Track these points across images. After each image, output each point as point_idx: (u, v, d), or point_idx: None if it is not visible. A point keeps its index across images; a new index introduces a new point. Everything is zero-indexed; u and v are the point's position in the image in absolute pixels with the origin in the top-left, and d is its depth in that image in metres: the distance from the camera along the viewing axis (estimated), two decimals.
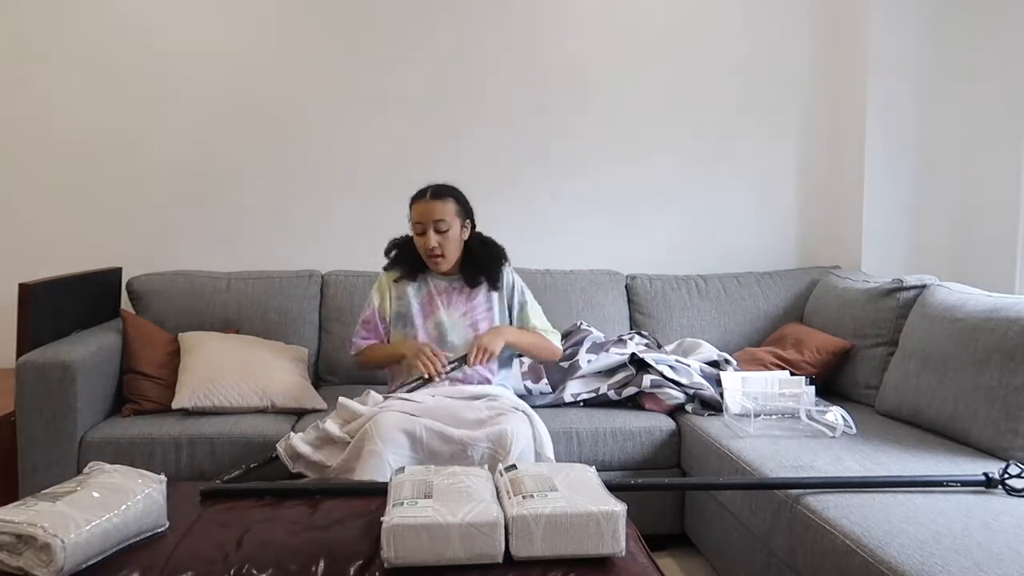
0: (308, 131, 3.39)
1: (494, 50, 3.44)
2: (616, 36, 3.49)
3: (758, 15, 3.55)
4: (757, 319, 3.30)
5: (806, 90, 3.59)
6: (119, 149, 3.30)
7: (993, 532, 1.63)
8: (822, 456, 2.15)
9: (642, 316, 3.30)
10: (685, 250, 3.56)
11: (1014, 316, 2.20)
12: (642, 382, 2.73)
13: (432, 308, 2.56)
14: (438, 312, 2.55)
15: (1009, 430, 2.11)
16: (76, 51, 3.27)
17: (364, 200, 3.40)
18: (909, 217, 3.42)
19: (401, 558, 1.41)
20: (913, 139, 3.39)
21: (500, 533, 1.43)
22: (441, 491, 1.54)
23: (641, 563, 1.50)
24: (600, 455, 2.58)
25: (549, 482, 1.57)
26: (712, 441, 2.41)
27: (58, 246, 3.24)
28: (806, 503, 1.86)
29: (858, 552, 1.62)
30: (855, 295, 2.96)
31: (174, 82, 3.32)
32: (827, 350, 2.89)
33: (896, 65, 3.35)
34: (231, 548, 1.49)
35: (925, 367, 2.41)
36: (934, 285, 2.64)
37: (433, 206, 2.46)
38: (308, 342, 3.08)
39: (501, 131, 3.45)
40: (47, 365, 2.40)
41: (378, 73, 3.39)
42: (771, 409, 2.54)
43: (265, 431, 2.50)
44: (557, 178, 3.49)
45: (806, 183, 3.64)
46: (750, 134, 3.58)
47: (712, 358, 2.91)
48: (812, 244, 3.65)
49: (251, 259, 3.31)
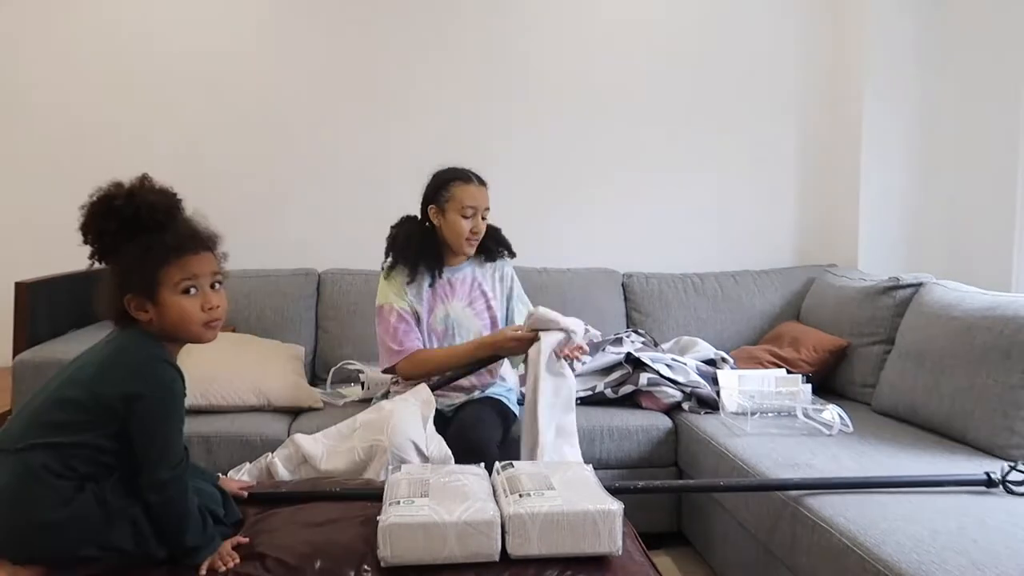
0: (304, 130, 3.38)
1: (492, 51, 3.44)
2: (614, 37, 3.49)
3: (756, 16, 3.55)
4: (754, 317, 3.31)
5: (803, 89, 3.59)
6: (116, 147, 3.29)
7: (990, 531, 1.63)
8: (819, 454, 2.15)
9: (639, 314, 3.30)
10: (682, 248, 3.56)
11: (1011, 314, 2.20)
12: (639, 380, 2.73)
13: (436, 301, 2.49)
14: (443, 305, 2.48)
15: (1006, 428, 2.11)
16: (74, 49, 3.26)
17: (361, 199, 3.39)
18: (906, 216, 3.42)
19: (397, 557, 1.41)
20: (909, 138, 3.39)
21: (496, 532, 1.43)
22: (437, 490, 1.54)
23: (638, 561, 1.50)
24: (597, 453, 2.58)
25: (546, 480, 1.57)
26: (709, 439, 2.41)
27: (54, 245, 3.22)
28: (803, 502, 1.86)
29: (855, 550, 1.62)
30: (852, 293, 2.96)
31: (171, 80, 3.31)
32: (824, 348, 2.89)
33: (892, 65, 3.35)
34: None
35: (921, 365, 2.42)
36: (931, 283, 2.64)
37: (484, 193, 2.43)
38: (304, 341, 3.07)
39: (498, 130, 3.45)
40: (44, 364, 2.38)
41: (376, 73, 3.39)
42: (768, 407, 2.53)
43: (262, 430, 2.49)
44: (554, 177, 3.49)
45: (803, 181, 3.64)
46: (747, 133, 3.58)
47: (709, 356, 2.91)
48: (809, 242, 3.65)
49: (247, 257, 3.28)
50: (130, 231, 1.44)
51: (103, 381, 1.38)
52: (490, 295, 2.53)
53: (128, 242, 1.43)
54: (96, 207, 1.48)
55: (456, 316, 2.48)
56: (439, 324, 2.47)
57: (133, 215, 1.44)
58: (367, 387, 2.74)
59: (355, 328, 3.08)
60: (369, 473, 2.06)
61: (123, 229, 1.44)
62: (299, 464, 2.12)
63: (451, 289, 2.50)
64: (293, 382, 2.73)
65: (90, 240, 1.47)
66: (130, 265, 1.43)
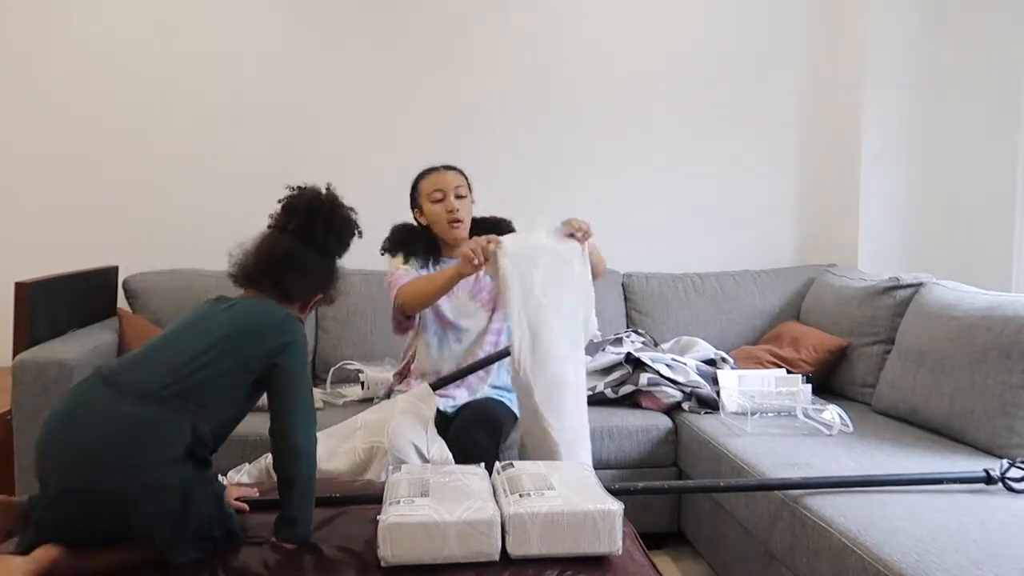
0: (303, 130, 3.38)
1: (490, 50, 3.44)
2: (615, 38, 3.49)
3: (755, 15, 3.55)
4: (754, 317, 3.30)
5: (802, 89, 3.59)
6: (115, 148, 3.29)
7: (990, 530, 1.63)
8: (819, 454, 2.15)
9: (639, 314, 3.30)
10: (682, 248, 3.56)
11: (1010, 314, 2.20)
12: (639, 380, 2.73)
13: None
14: (447, 295, 2.42)
15: (1006, 428, 2.11)
16: (73, 49, 3.25)
17: (360, 198, 3.37)
18: (905, 215, 3.42)
19: (397, 556, 1.41)
20: (909, 137, 3.39)
21: (496, 531, 1.43)
22: (438, 489, 1.54)
23: (638, 561, 1.50)
24: (597, 453, 2.57)
25: (546, 480, 1.57)
26: (709, 439, 2.41)
27: (54, 245, 3.23)
28: (803, 501, 1.86)
29: (855, 550, 1.62)
30: (852, 293, 2.96)
31: (171, 81, 3.31)
32: (824, 348, 2.89)
33: (892, 64, 3.35)
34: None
35: (921, 365, 2.42)
36: (930, 283, 2.64)
37: (449, 175, 2.46)
38: None
39: (497, 130, 3.45)
40: (44, 364, 2.39)
41: (377, 75, 3.39)
42: (768, 407, 2.53)
43: (262, 430, 2.48)
44: (552, 177, 3.48)
45: (803, 182, 3.64)
46: (747, 133, 3.58)
47: (709, 356, 2.91)
48: (809, 242, 3.65)
49: None
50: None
51: (249, 337, 1.50)
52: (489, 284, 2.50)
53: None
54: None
55: (461, 306, 2.47)
56: (444, 314, 2.45)
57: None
58: (367, 387, 2.74)
59: (355, 328, 3.08)
60: (369, 474, 2.06)
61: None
62: None
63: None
64: None
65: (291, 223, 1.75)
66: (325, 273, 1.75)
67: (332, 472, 2.09)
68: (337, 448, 2.15)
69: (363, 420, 2.22)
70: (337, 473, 2.09)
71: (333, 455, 2.13)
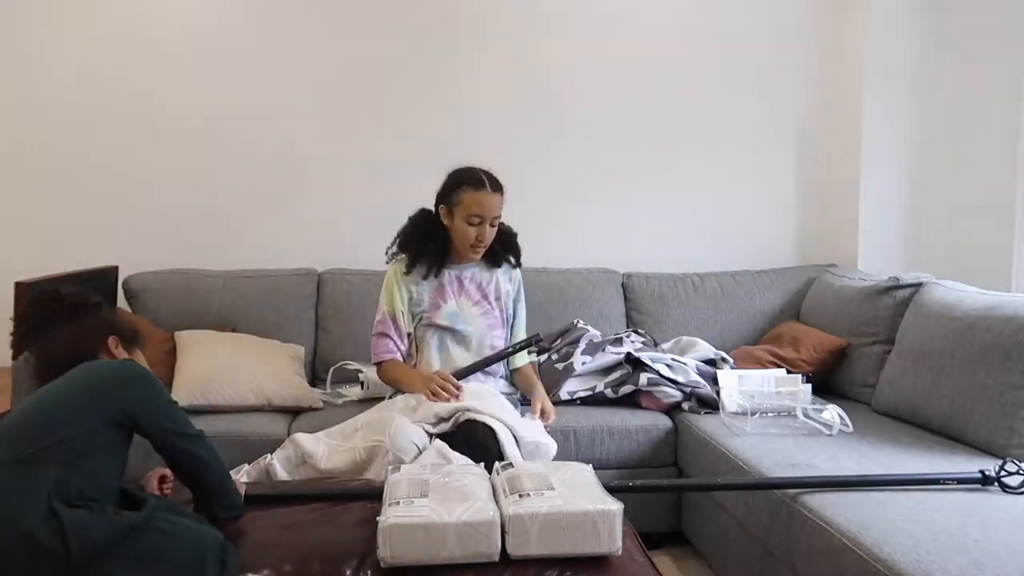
0: (304, 130, 3.38)
1: (489, 48, 3.44)
2: (613, 34, 3.49)
3: (756, 16, 3.55)
4: (754, 317, 3.30)
5: (803, 89, 3.59)
6: (115, 148, 3.29)
7: (989, 530, 1.63)
8: (819, 454, 2.15)
9: (639, 314, 3.30)
10: (682, 248, 3.56)
11: (1010, 314, 2.20)
12: (639, 380, 2.73)
13: (443, 298, 2.47)
14: (449, 302, 2.46)
15: (1005, 428, 2.12)
16: (74, 50, 3.25)
17: (360, 198, 3.39)
18: (905, 215, 3.42)
19: (397, 557, 1.41)
20: (909, 137, 3.39)
21: (496, 532, 1.43)
22: (437, 490, 1.54)
23: (638, 561, 1.51)
24: (597, 453, 2.58)
25: (546, 481, 1.57)
26: (709, 439, 2.41)
27: (54, 244, 3.23)
28: (803, 501, 1.86)
29: (855, 550, 1.62)
30: (852, 293, 2.96)
31: (172, 81, 3.30)
32: (824, 348, 2.89)
33: (892, 64, 3.35)
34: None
35: (921, 365, 2.42)
36: (930, 283, 2.64)
37: (495, 200, 2.38)
38: (304, 340, 3.07)
39: (497, 130, 3.44)
40: None
41: (375, 73, 3.39)
42: (767, 407, 2.53)
43: (262, 430, 2.50)
44: (553, 176, 3.48)
45: (803, 181, 3.64)
46: (747, 133, 3.58)
47: (709, 356, 2.91)
48: (809, 242, 3.65)
49: (247, 257, 3.30)
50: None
51: (100, 398, 1.50)
52: (498, 294, 2.53)
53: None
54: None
55: (462, 313, 2.47)
56: (444, 319, 2.45)
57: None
58: (367, 387, 2.74)
59: (355, 328, 3.08)
60: (370, 473, 2.06)
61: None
62: (298, 465, 2.12)
63: (460, 286, 2.49)
64: (293, 382, 2.74)
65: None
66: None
67: (333, 471, 2.08)
68: (338, 447, 2.15)
69: (364, 420, 2.22)
70: (338, 472, 2.09)
71: (334, 454, 2.14)
